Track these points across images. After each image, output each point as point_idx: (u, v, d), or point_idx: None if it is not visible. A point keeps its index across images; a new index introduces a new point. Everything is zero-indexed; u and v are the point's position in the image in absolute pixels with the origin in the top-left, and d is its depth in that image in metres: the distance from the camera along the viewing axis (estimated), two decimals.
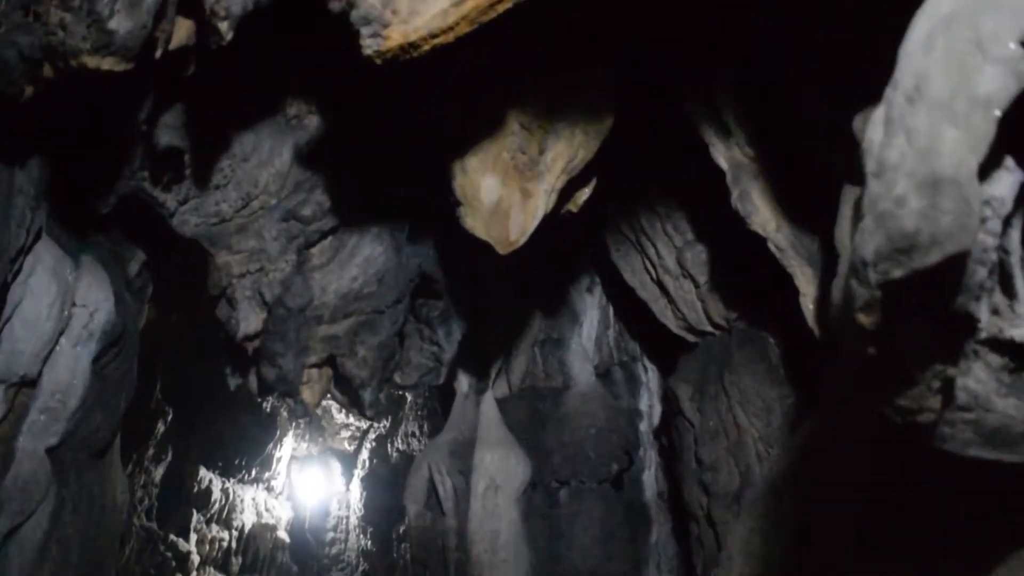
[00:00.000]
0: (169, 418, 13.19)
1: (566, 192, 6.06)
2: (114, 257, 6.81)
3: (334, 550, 17.42)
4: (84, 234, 6.41)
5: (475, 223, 5.76)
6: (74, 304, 5.94)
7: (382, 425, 16.05)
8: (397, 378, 7.73)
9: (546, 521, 7.79)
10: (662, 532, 7.89)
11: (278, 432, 16.06)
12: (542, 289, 8.29)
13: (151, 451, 13.23)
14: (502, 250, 5.76)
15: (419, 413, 14.64)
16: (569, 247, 8.09)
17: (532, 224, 5.77)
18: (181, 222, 6.52)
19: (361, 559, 15.98)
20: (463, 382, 8.39)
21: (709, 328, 7.26)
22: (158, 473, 13.68)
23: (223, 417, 14.86)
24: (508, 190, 5.80)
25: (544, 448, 7.93)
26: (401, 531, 14.55)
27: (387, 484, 15.39)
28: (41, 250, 5.60)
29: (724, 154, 5.86)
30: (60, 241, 5.90)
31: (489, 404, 8.05)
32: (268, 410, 15.65)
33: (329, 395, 7.64)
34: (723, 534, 6.41)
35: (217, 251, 6.70)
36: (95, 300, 6.07)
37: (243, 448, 15.50)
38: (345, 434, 17.39)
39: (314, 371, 7.21)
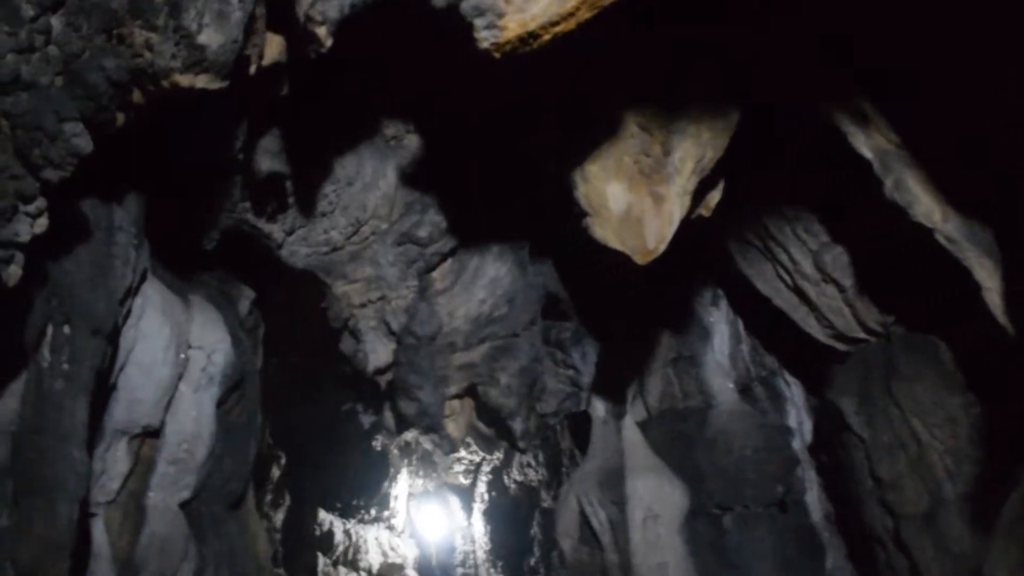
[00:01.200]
0: (282, 462, 12.67)
1: (698, 194, 5.41)
2: (223, 296, 6.28)
3: None
4: (190, 273, 5.93)
5: (605, 233, 5.16)
6: (189, 346, 5.41)
7: (495, 457, 15.29)
8: (537, 407, 7.00)
9: (715, 551, 6.90)
10: (837, 557, 6.94)
11: (391, 470, 15.41)
12: (668, 305, 7.50)
13: (269, 496, 12.75)
14: (640, 260, 5.17)
15: (532, 443, 13.84)
16: (690, 259, 7.28)
17: (670, 230, 5.19)
18: (290, 253, 6.02)
19: None
20: (598, 407, 7.58)
21: (862, 335, 6.60)
22: (278, 518, 13.25)
23: (334, 458, 14.35)
24: (637, 196, 5.19)
25: (698, 472, 7.09)
26: (532, 563, 13.78)
27: (509, 516, 14.67)
28: (149, 291, 5.08)
29: (866, 142, 5.31)
30: (166, 281, 5.40)
31: (631, 429, 7.27)
32: (379, 448, 15.03)
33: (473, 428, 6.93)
34: (921, 560, 5.71)
35: (333, 281, 6.20)
36: (211, 341, 5.54)
37: (358, 488, 14.93)
38: (459, 468, 16.63)
39: (456, 403, 6.63)
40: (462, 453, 16.15)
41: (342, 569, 15.24)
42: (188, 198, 5.44)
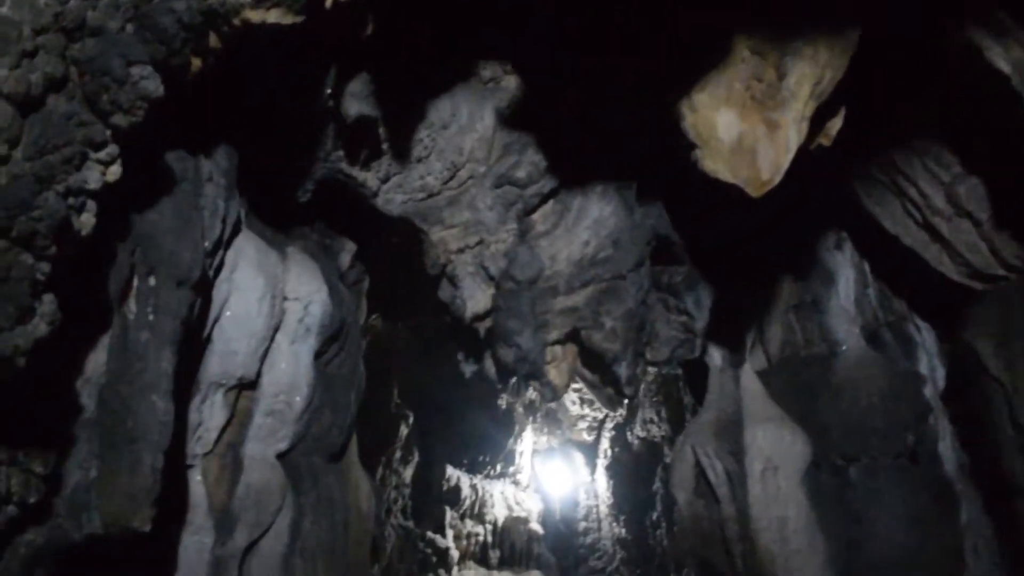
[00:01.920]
0: (410, 421, 12.76)
1: (816, 121, 4.91)
2: (323, 249, 6.13)
3: (589, 539, 16.57)
4: (287, 226, 5.79)
5: (716, 165, 4.74)
6: (285, 298, 5.27)
7: (619, 414, 15.05)
8: (648, 355, 6.63)
9: (839, 504, 6.43)
10: (972, 511, 6.34)
11: (516, 427, 15.36)
12: (788, 249, 6.99)
13: (398, 454, 12.91)
14: (754, 192, 4.74)
15: (655, 399, 13.54)
16: (811, 200, 6.77)
17: (786, 159, 4.74)
18: (386, 201, 5.81)
19: (617, 547, 14.99)
20: (715, 356, 7.14)
21: (1001, 272, 5.98)
22: (408, 474, 13.44)
23: (462, 416, 14.44)
24: (749, 124, 4.77)
25: (821, 422, 6.59)
26: (655, 518, 13.50)
27: (632, 471, 14.43)
28: (242, 244, 4.96)
29: (1003, 56, 4.72)
30: (263, 235, 5.28)
31: (750, 377, 6.84)
32: (504, 407, 14.98)
33: (577, 375, 6.62)
34: None
35: (430, 227, 5.93)
36: (307, 292, 5.38)
37: (485, 445, 14.97)
38: (582, 425, 16.49)
39: (558, 348, 6.34)
40: (585, 410, 15.98)
41: (468, 522, 15.34)
42: (280, 149, 5.29)
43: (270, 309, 5.07)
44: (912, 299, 6.98)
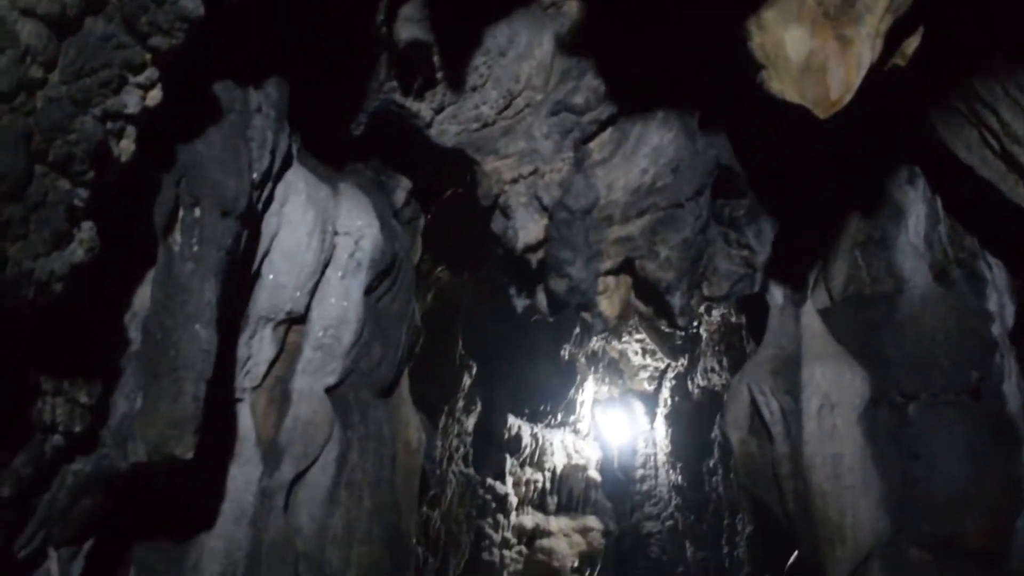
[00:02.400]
0: (473, 372, 12.81)
1: (891, 38, 4.67)
2: (377, 185, 6.10)
3: (645, 486, 16.57)
4: (340, 162, 5.78)
5: (783, 85, 4.57)
6: (336, 232, 5.25)
7: (680, 363, 14.94)
8: (705, 290, 6.46)
9: (896, 441, 6.25)
10: None
11: (578, 377, 15.33)
12: (856, 183, 6.76)
13: (461, 403, 12.97)
14: (822, 113, 4.56)
15: (717, 348, 13.37)
16: (883, 134, 6.52)
17: (856, 77, 4.53)
18: (439, 132, 5.71)
19: (673, 494, 14.97)
20: (775, 293, 6.95)
21: None
22: (470, 423, 13.50)
23: (524, 367, 14.41)
24: (820, 41, 4.55)
25: (882, 359, 6.38)
26: (711, 464, 13.43)
27: (691, 420, 14.35)
28: (293, 178, 4.97)
29: None
30: (315, 170, 5.27)
31: (811, 315, 6.63)
32: (566, 357, 14.96)
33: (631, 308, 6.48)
34: None
35: (483, 158, 5.79)
36: (358, 227, 5.36)
37: (546, 395, 14.92)
38: (644, 375, 16.41)
39: (610, 279, 6.14)
40: (647, 360, 15.89)
41: (528, 469, 15.39)
42: (333, 80, 5.23)
43: (320, 243, 5.09)
44: (984, 235, 6.72)
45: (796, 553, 7.38)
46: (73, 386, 3.64)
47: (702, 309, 12.94)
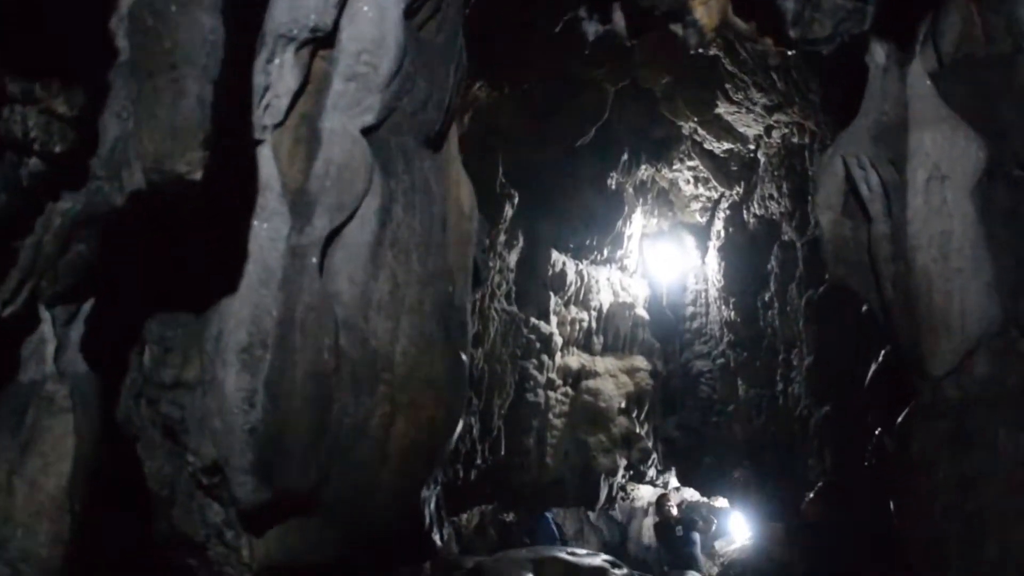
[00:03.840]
0: (515, 201, 12.07)
1: None
2: None
3: (695, 324, 15.93)
4: None
5: None
6: None
7: (735, 192, 14.08)
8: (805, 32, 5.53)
9: (1011, 220, 5.45)
10: None
11: (625, 209, 14.55)
12: None
13: (502, 236, 12.35)
14: None
15: (776, 173, 12.50)
16: None
17: None
18: None
19: (725, 330, 14.33)
20: (877, 51, 5.99)
21: None
22: (512, 259, 12.96)
23: (569, 197, 13.72)
24: None
25: (999, 127, 5.47)
26: (767, 298, 12.76)
27: (746, 252, 13.60)
28: None
29: None
30: None
31: (919, 75, 5.69)
32: (613, 187, 14.17)
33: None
34: None
35: None
36: None
37: (592, 228, 14.25)
38: (695, 206, 15.52)
39: None
40: (700, 190, 15.08)
41: (572, 308, 14.91)
42: None
43: None
44: None
45: (886, 351, 6.73)
46: (47, 91, 2.94)
47: (761, 129, 12.15)
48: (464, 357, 5.10)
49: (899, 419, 5.87)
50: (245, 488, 4.11)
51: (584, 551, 7.61)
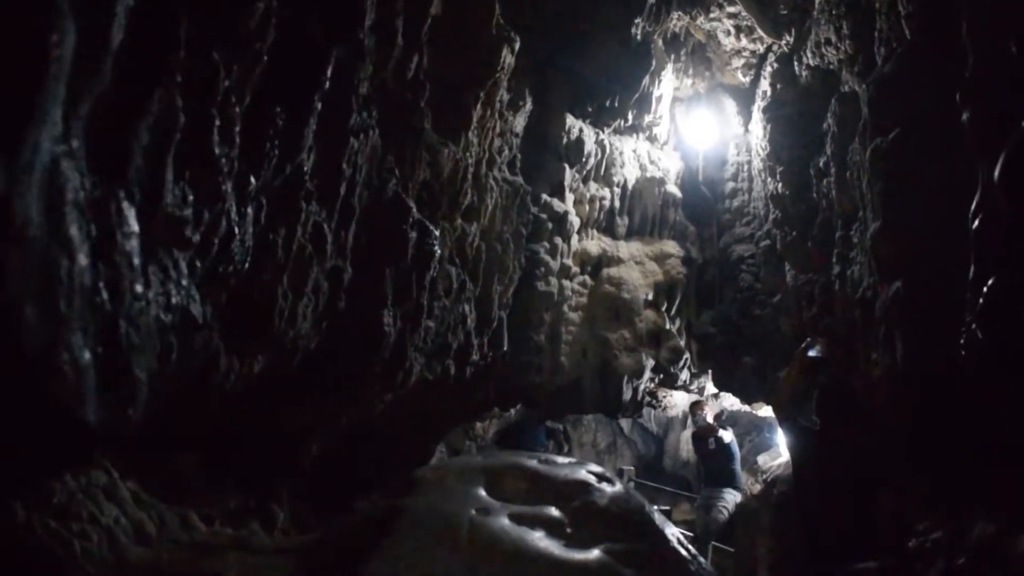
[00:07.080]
0: (515, 46, 9.89)
1: None
2: None
3: (736, 203, 13.78)
4: None
5: None
6: None
7: (784, 43, 11.82)
8: None
9: None
10: None
11: (654, 63, 12.35)
12: None
13: (502, 93, 10.18)
14: None
15: (834, 13, 10.25)
16: None
17: None
18: None
19: (771, 207, 12.20)
20: None
21: None
22: (518, 123, 11.03)
23: (586, 49, 11.77)
24: None
25: None
26: (822, 164, 10.64)
27: (796, 111, 11.45)
28: None
29: None
30: None
31: None
32: (639, 37, 12.01)
33: None
34: None
35: None
36: None
37: (614, 85, 12.22)
38: (737, 63, 13.13)
39: None
40: (743, 42, 12.83)
41: (592, 184, 13.01)
42: None
43: None
44: None
45: None
46: None
47: None
48: None
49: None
50: None
51: (566, 460, 5.88)
